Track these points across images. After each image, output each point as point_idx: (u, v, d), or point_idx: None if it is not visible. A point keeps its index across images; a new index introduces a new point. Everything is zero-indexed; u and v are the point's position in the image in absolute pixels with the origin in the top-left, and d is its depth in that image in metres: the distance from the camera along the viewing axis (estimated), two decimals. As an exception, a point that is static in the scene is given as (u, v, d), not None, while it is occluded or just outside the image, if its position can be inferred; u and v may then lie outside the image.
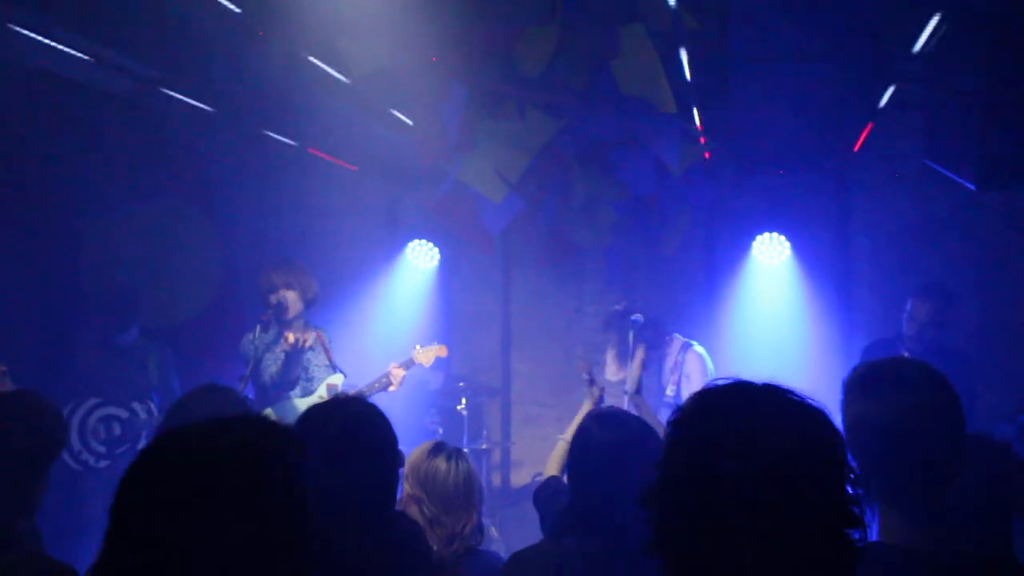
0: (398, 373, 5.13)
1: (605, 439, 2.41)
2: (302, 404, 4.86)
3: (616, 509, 2.24)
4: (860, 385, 1.90)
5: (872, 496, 1.89)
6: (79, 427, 5.06)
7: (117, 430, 5.11)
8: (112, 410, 5.14)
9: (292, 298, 4.94)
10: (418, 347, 5.45)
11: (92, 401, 5.11)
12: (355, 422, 2.17)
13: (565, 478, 2.72)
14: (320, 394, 4.93)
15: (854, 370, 1.96)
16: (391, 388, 5.14)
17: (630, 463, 2.27)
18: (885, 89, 5.10)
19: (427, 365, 5.54)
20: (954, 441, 1.84)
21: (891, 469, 1.84)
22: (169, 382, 5.25)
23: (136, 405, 5.15)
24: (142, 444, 5.00)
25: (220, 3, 4.17)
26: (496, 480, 6.78)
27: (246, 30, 4.79)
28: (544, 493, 3.01)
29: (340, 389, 4.99)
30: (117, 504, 1.17)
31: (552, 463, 3.47)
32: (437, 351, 5.53)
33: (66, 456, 5.03)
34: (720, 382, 1.29)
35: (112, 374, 5.16)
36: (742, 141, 6.13)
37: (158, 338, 5.40)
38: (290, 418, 4.70)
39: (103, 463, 5.08)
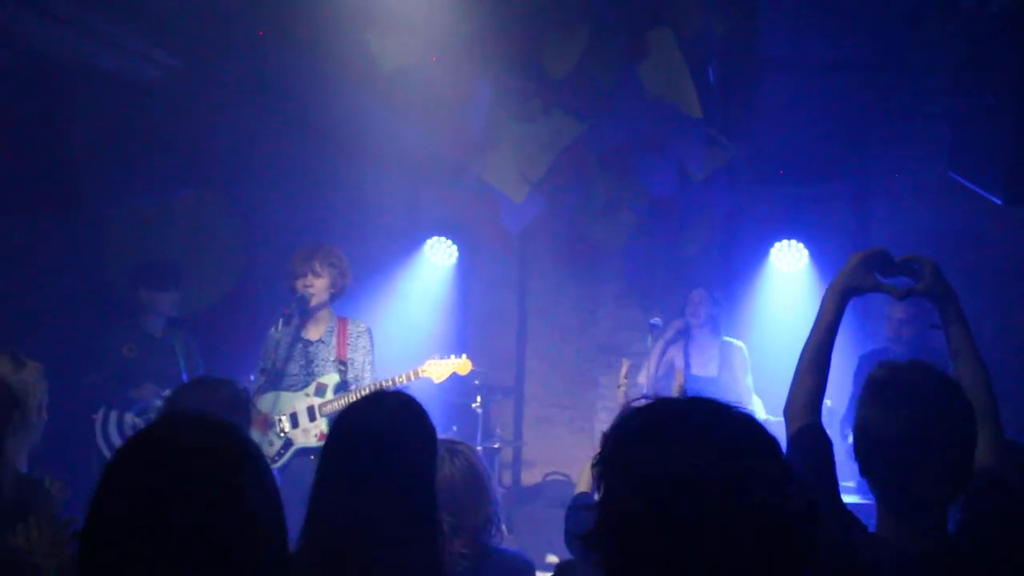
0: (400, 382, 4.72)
1: None
2: (288, 397, 4.72)
3: None
4: (872, 390, 1.90)
5: (876, 499, 1.91)
6: (118, 426, 5.10)
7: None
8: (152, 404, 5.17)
9: (321, 285, 4.71)
10: (436, 358, 4.89)
11: (139, 405, 5.17)
12: (391, 418, 2.12)
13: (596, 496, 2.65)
14: (307, 392, 4.74)
15: (871, 373, 1.94)
16: None
17: None
18: (911, 100, 5.10)
19: (437, 382, 4.88)
20: (962, 455, 1.83)
21: (892, 478, 1.85)
22: (196, 367, 5.26)
23: (164, 394, 5.16)
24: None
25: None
26: (507, 479, 6.79)
27: (273, 21, 4.82)
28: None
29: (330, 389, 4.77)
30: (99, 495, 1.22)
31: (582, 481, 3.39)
32: (456, 366, 4.90)
33: (107, 453, 5.08)
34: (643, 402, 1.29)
35: (148, 368, 5.19)
36: (764, 147, 6.12)
37: (180, 326, 5.41)
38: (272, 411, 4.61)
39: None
